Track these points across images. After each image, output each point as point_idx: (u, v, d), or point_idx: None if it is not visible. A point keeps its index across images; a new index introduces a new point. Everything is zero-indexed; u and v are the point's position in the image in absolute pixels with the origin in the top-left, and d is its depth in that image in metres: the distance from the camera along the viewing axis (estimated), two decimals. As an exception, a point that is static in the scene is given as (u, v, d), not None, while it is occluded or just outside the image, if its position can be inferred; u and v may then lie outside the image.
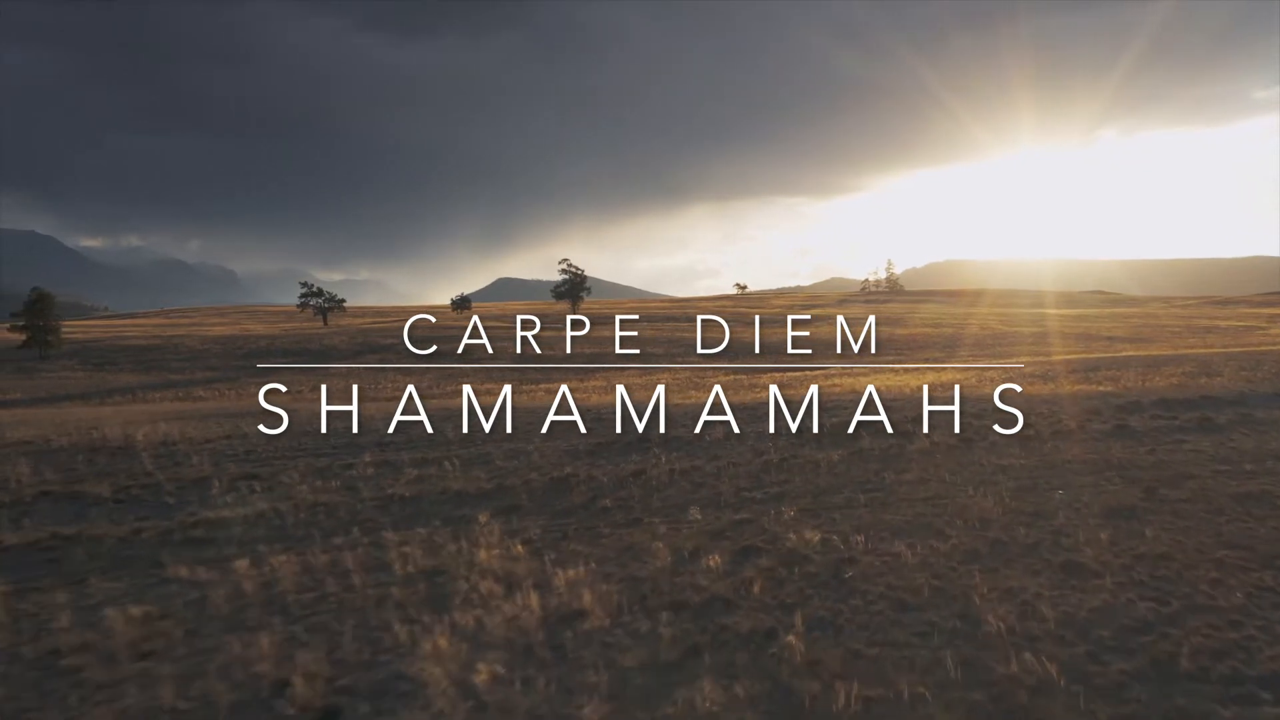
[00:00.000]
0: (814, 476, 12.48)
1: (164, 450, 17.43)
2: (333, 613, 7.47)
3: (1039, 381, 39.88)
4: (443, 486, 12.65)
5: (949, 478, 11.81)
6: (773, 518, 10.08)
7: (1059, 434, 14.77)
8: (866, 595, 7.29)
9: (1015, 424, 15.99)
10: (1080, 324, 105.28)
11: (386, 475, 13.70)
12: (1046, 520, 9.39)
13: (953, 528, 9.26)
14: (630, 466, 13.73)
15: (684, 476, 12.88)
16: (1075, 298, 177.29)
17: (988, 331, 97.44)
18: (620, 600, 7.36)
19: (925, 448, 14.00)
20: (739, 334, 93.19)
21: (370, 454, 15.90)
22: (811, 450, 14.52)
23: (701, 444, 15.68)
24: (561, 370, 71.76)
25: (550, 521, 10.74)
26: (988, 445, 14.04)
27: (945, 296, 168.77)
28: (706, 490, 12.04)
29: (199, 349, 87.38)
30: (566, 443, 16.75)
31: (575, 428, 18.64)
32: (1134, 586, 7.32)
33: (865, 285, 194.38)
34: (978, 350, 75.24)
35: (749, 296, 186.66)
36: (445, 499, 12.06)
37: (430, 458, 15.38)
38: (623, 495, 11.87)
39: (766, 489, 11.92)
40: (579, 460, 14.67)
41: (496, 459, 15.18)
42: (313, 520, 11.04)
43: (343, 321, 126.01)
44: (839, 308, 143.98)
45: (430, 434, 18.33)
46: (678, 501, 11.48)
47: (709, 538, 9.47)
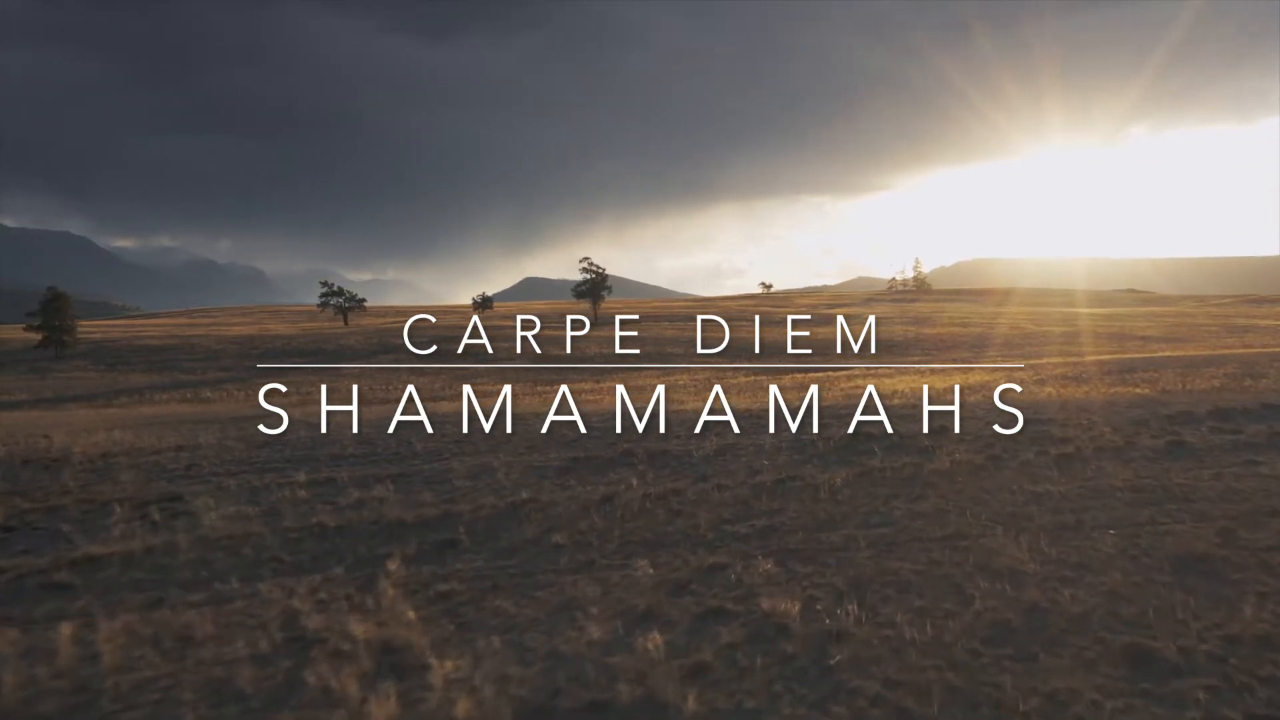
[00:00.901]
0: (812, 505, 10.51)
1: (99, 464, 15.72)
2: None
3: (1072, 383, 37.47)
4: (378, 514, 10.80)
5: (972, 510, 9.79)
6: (750, 567, 8.12)
7: (1103, 451, 12.69)
8: (856, 697, 5.34)
9: (1050, 437, 13.95)
10: (1113, 323, 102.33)
11: (322, 499, 11.86)
12: (1097, 575, 7.35)
13: (975, 584, 7.26)
14: (602, 489, 11.82)
15: (660, 503, 10.95)
16: (1106, 296, 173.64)
17: (1017, 331, 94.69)
18: (515, 707, 5.43)
19: (946, 468, 11.98)
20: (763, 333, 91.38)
21: (322, 470, 14.11)
22: (814, 469, 12.54)
23: (690, 460, 13.74)
24: (578, 371, 69.89)
25: (487, 564, 8.85)
26: (1019, 466, 11.99)
27: (973, 295, 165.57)
28: (682, 522, 10.11)
29: (215, 349, 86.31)
30: (543, 456, 14.89)
31: (559, 437, 16.84)
32: (1234, 694, 5.29)
33: (892, 284, 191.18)
34: (1007, 350, 72.72)
35: (773, 296, 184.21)
36: (374, 531, 10.20)
37: (383, 475, 13.55)
38: (582, 528, 9.96)
39: (753, 521, 9.97)
40: (547, 480, 12.79)
41: (456, 477, 13.33)
42: (204, 560, 9.20)
43: (363, 321, 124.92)
44: (865, 307, 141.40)
45: (400, 446, 16.57)
46: (645, 537, 9.57)
47: (668, 593, 7.55)
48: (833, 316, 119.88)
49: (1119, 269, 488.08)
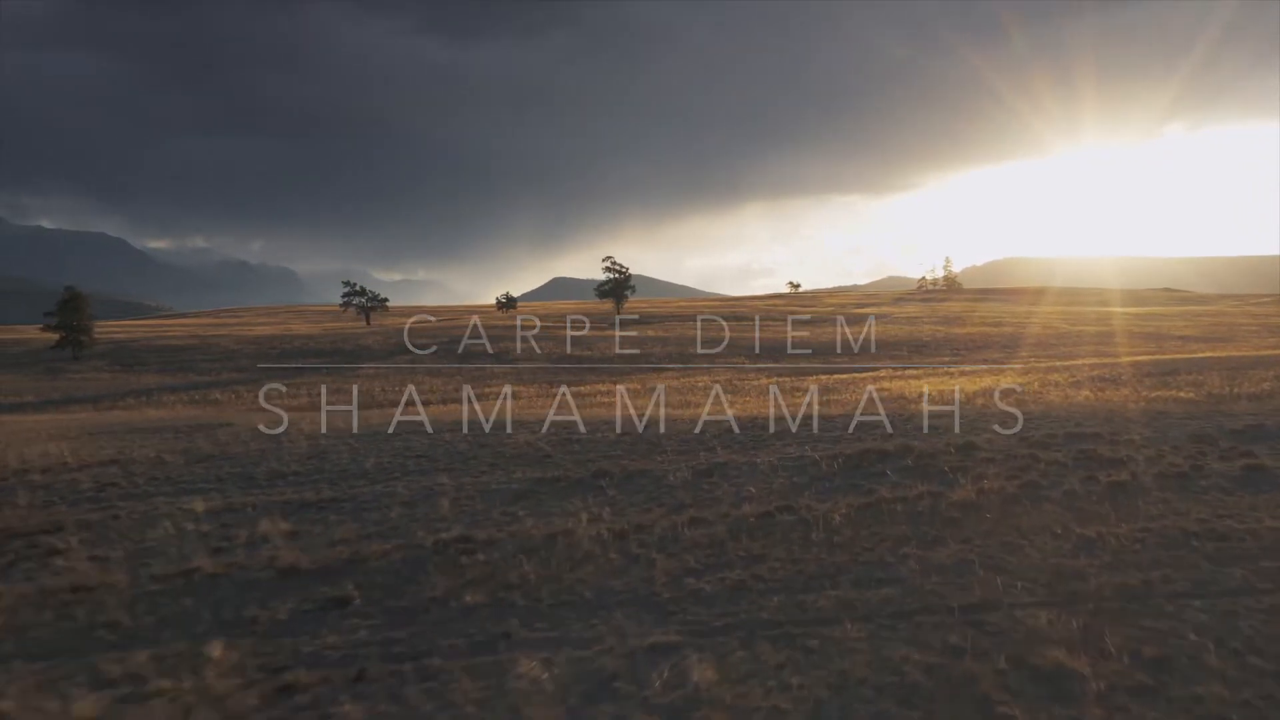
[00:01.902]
0: (801, 549, 8.38)
1: (9, 481, 13.89)
2: None
3: (1109, 386, 34.84)
4: (269, 557, 8.78)
5: (1004, 563, 7.61)
6: (704, 655, 6.00)
7: (1164, 478, 10.42)
8: None
9: (1098, 459, 11.71)
10: (1149, 323, 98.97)
11: (216, 535, 9.87)
12: (1185, 684, 5.15)
13: (1009, 699, 5.11)
14: (554, 522, 9.76)
15: (617, 544, 8.86)
16: (1142, 296, 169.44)
17: (1051, 330, 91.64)
18: None
19: (971, 499, 9.78)
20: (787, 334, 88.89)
21: (247, 492, 12.16)
22: (812, 497, 10.40)
23: (668, 484, 11.63)
24: (595, 372, 67.75)
25: (370, 635, 6.81)
26: (1062, 498, 9.77)
27: (1005, 295, 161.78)
28: (638, 573, 8.02)
29: (233, 349, 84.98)
30: (504, 476, 12.87)
31: (532, 454, 14.83)
32: None
33: (922, 283, 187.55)
34: (1040, 350, 69.88)
35: (801, 296, 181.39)
36: (255, 582, 8.18)
37: (310, 501, 11.57)
38: (510, 581, 7.90)
39: (725, 573, 7.85)
40: (495, 509, 10.74)
41: (395, 503, 11.33)
42: (17, 628, 7.22)
43: (386, 321, 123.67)
44: (894, 306, 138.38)
45: (352, 462, 14.66)
46: (584, 596, 7.49)
47: (582, 700, 5.46)
48: (861, 317, 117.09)
49: (1154, 268, 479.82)
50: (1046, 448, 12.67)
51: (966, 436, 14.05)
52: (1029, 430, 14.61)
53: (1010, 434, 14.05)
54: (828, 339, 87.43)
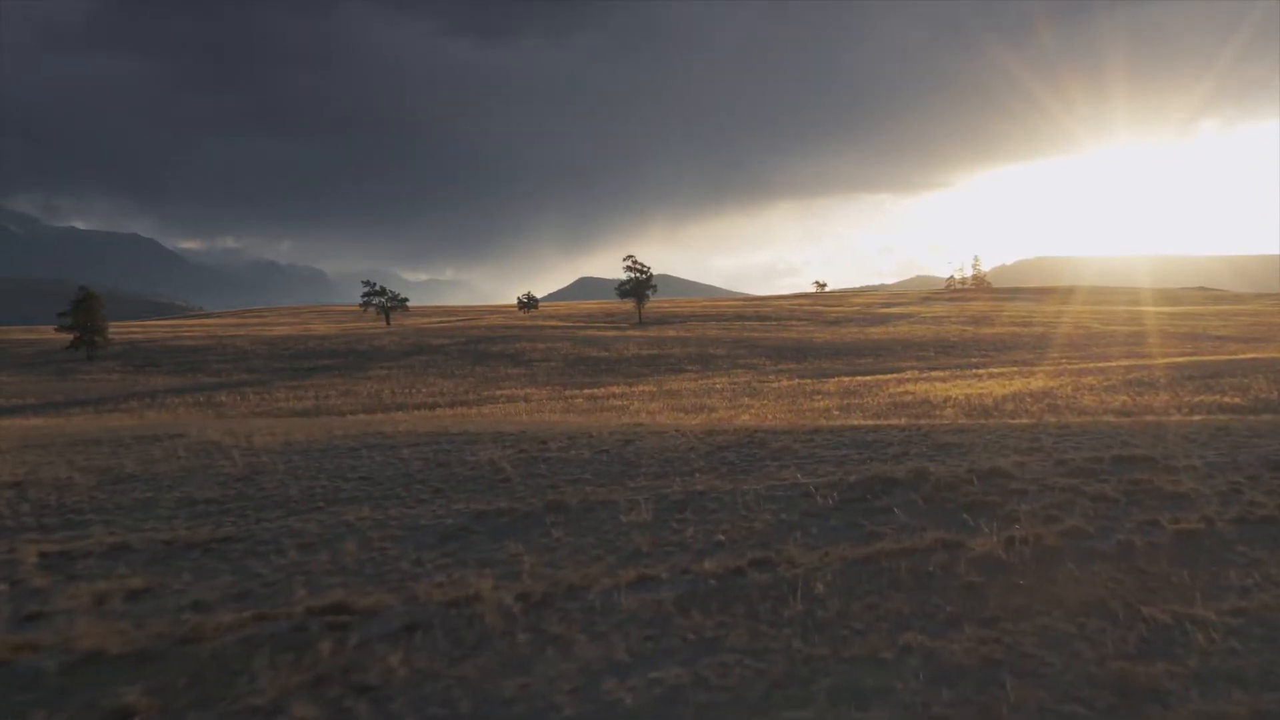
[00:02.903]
0: (769, 633, 6.23)
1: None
2: None
3: (1148, 390, 32.24)
4: (65, 635, 6.70)
5: (1042, 668, 5.40)
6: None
7: (1249, 524, 8.16)
8: None
9: (1156, 493, 9.48)
10: (1184, 323, 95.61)
11: (36, 597, 7.81)
12: None
13: None
14: (465, 584, 7.65)
15: (530, 622, 6.75)
16: (1175, 295, 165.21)
17: (1082, 330, 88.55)
18: None
19: (997, 554, 7.58)
20: (810, 334, 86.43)
21: (115, 531, 10.15)
22: (799, 544, 8.26)
23: (625, 524, 9.50)
24: (613, 373, 65.55)
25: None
26: (1117, 553, 7.53)
27: (1034, 294, 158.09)
28: (543, 668, 5.90)
29: (247, 350, 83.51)
30: (443, 508, 10.85)
31: (487, 476, 12.81)
32: None
33: (950, 282, 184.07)
34: (1071, 351, 67.05)
35: (827, 295, 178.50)
36: (25, 682, 6.11)
37: (192, 541, 9.55)
38: (363, 682, 5.80)
39: (659, 671, 5.73)
40: (405, 559, 8.67)
41: (295, 545, 9.31)
42: None
43: (406, 321, 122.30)
44: (922, 305, 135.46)
45: (278, 488, 12.69)
46: (459, 708, 5.38)
47: None
48: (887, 316, 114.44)
49: (1187, 266, 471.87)
50: (1091, 476, 10.43)
51: (993, 459, 11.83)
52: (1066, 449, 12.35)
53: (1045, 459, 11.81)
54: (852, 339, 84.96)
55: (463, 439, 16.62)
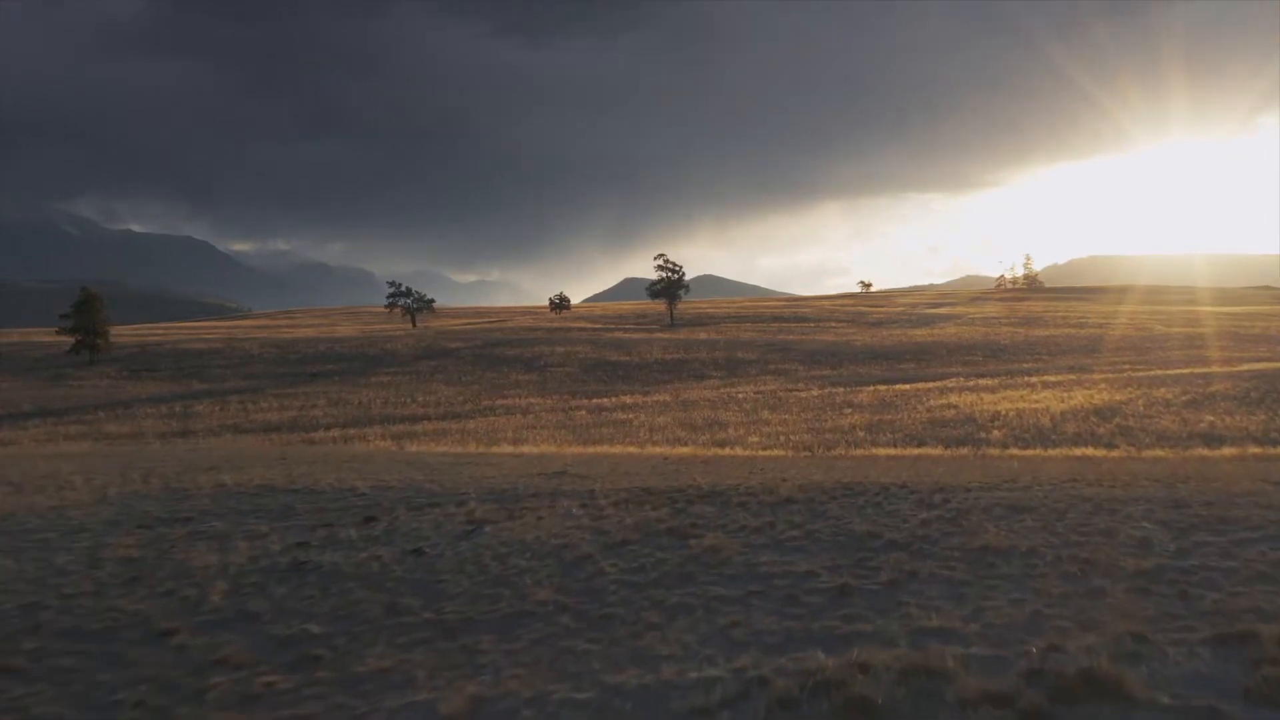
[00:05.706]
0: None
1: None
2: None
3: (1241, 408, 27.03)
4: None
5: None
6: None
7: None
8: None
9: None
10: (1250, 324, 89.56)
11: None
12: None
13: None
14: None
15: None
16: (1238, 294, 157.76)
17: (1141, 332, 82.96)
18: None
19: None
20: (849, 337, 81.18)
21: None
22: (796, 654, 4.39)
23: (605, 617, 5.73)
24: (629, 380, 61.75)
25: None
26: None
27: (1088, 294, 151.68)
28: None
29: (254, 354, 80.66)
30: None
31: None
32: None
33: (1000, 282, 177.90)
34: (1130, 355, 61.97)
35: (872, 295, 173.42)
36: None
37: None
38: None
39: None
40: None
41: None
42: None
43: (432, 323, 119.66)
44: (971, 306, 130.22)
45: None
46: None
47: None
48: (933, 317, 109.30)
49: (1246, 265, 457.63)
50: (1190, 539, 6.42)
51: (1040, 517, 7.84)
52: (1151, 500, 8.29)
53: (1114, 512, 7.83)
54: (894, 342, 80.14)
55: (391, 498, 12.92)
